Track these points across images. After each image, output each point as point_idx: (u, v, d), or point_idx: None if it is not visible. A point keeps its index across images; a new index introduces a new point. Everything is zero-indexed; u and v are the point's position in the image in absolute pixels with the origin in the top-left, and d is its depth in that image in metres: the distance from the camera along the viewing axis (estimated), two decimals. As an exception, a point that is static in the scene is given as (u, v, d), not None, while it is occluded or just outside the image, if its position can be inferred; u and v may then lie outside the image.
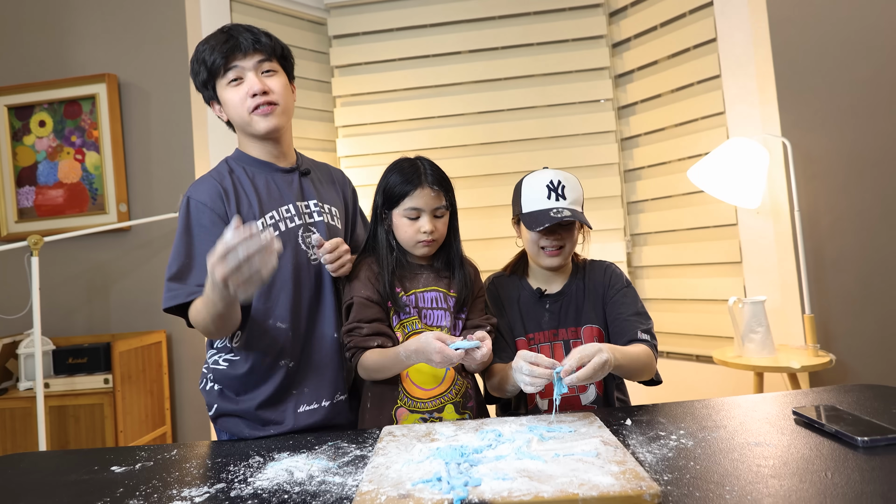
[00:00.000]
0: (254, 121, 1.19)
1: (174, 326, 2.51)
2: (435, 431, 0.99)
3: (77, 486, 0.90)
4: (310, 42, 2.79)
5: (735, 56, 2.21)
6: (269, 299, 1.18)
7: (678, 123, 2.46)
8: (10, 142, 2.59)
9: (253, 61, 1.18)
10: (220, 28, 1.21)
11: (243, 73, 1.18)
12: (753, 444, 0.87)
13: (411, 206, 1.19)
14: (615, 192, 2.62)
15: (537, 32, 2.71)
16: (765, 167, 2.02)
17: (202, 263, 1.11)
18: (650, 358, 1.19)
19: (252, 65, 1.18)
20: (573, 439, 0.89)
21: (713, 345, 2.31)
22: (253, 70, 1.18)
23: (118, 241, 2.55)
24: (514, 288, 1.36)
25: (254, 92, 1.16)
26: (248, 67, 1.18)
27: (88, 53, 2.57)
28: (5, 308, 2.47)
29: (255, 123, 1.19)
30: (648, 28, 2.54)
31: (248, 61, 1.17)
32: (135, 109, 2.55)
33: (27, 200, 2.59)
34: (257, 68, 1.18)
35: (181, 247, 1.15)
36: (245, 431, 1.19)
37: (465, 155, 2.75)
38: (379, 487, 0.76)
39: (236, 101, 1.18)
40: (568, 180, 1.28)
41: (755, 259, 2.18)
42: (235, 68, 1.18)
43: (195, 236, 1.15)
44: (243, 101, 1.17)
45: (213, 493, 0.83)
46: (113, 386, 2.20)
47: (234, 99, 1.18)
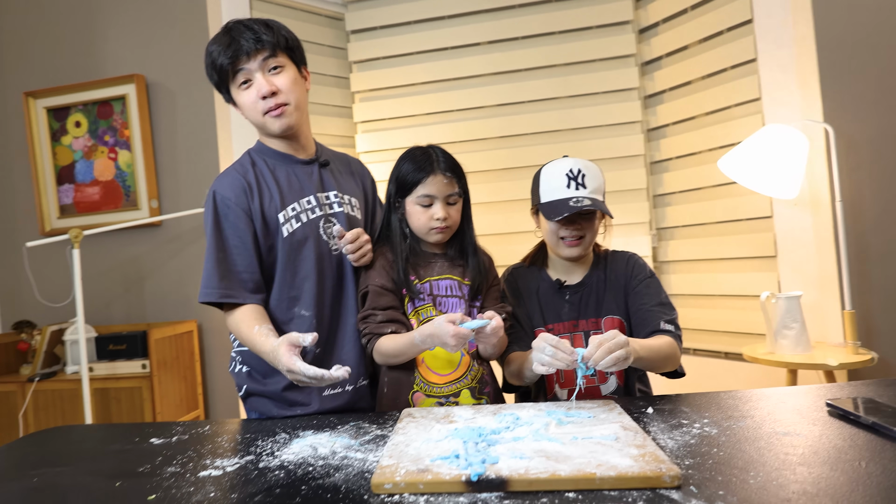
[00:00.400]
0: (268, 123, 1.21)
1: (204, 317, 2.59)
2: (453, 414, 1.00)
3: (120, 455, 0.96)
4: (328, 38, 2.81)
5: (773, 37, 2.11)
6: (294, 288, 1.21)
7: (709, 112, 2.38)
8: (49, 142, 2.71)
9: (257, 61, 1.17)
10: (224, 27, 1.21)
11: (251, 74, 1.18)
12: (782, 434, 0.83)
13: (424, 193, 1.20)
14: (640, 184, 2.57)
15: (559, 20, 2.65)
16: (804, 155, 1.92)
17: (236, 259, 1.18)
18: (673, 349, 1.16)
19: (257, 65, 1.17)
20: (592, 424, 0.88)
21: (743, 341, 2.23)
22: (259, 70, 1.18)
23: (150, 235, 2.64)
24: (534, 279, 1.35)
25: (263, 94, 1.17)
26: (254, 69, 1.18)
27: (118, 55, 2.66)
28: (51, 297, 2.58)
29: (269, 125, 1.21)
30: (678, 11, 2.45)
31: (252, 62, 1.17)
32: (162, 108, 2.63)
33: (67, 197, 2.71)
34: (263, 67, 1.18)
35: (213, 242, 1.19)
36: (273, 411, 1.22)
37: (484, 148, 2.72)
38: (398, 462, 0.77)
39: (248, 103, 1.20)
40: (588, 169, 1.26)
41: (791, 253, 2.10)
42: (242, 71, 1.18)
43: (224, 231, 1.19)
44: (255, 103, 1.19)
45: (243, 464, 0.87)
46: (150, 371, 2.30)
47: (247, 102, 1.20)
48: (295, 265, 1.21)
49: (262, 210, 1.20)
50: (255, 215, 1.19)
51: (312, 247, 1.22)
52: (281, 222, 1.20)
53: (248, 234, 1.18)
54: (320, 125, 2.74)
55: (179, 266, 2.61)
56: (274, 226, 1.20)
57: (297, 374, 1.02)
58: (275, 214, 1.20)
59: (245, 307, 1.18)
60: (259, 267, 1.20)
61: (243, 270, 1.18)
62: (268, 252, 1.21)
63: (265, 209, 1.20)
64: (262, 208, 1.20)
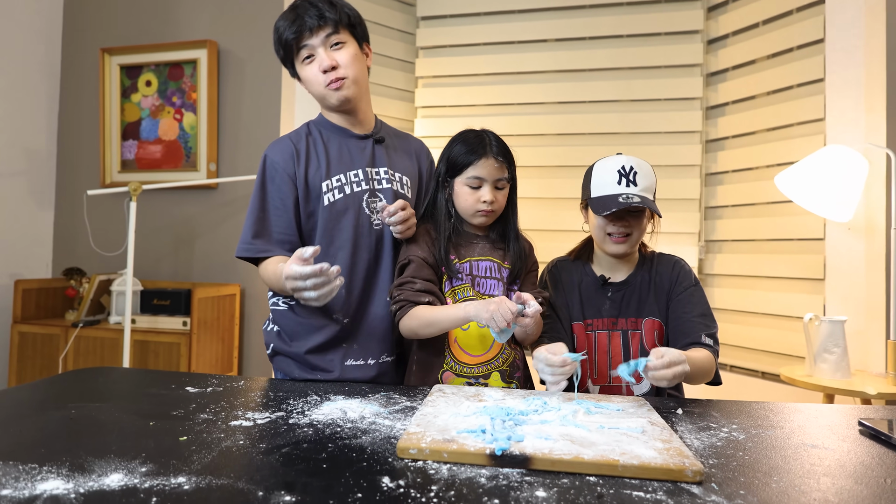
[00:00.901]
0: (328, 95, 1.25)
1: (248, 282, 2.67)
2: (483, 393, 1.02)
3: (156, 398, 1.01)
4: (398, 22, 2.85)
5: (843, 58, 2.06)
6: (329, 256, 1.24)
7: (771, 128, 2.33)
8: (119, 98, 2.83)
9: (320, 37, 1.22)
10: (291, 3, 1.26)
11: (314, 50, 1.23)
12: (810, 446, 0.83)
13: (474, 175, 1.21)
14: (693, 195, 2.53)
15: (629, 24, 2.63)
16: (862, 179, 1.88)
17: (274, 220, 1.24)
18: (711, 365, 1.16)
19: (320, 41, 1.22)
20: (620, 416, 0.89)
21: (781, 362, 2.19)
22: (322, 46, 1.23)
23: (206, 197, 2.74)
24: (577, 272, 1.35)
25: (324, 68, 1.22)
26: (317, 44, 1.23)
27: (193, 20, 2.76)
28: (104, 246, 2.72)
29: (328, 97, 1.26)
30: (749, 25, 2.41)
31: (315, 38, 1.22)
32: (231, 75, 2.72)
33: (130, 153, 2.83)
34: (325, 43, 1.23)
35: (256, 202, 1.25)
36: (295, 372, 1.27)
37: (540, 144, 2.73)
38: (425, 431, 0.80)
39: (311, 77, 1.25)
40: (641, 167, 1.26)
41: (840, 277, 2.04)
42: (306, 47, 1.23)
43: (268, 192, 1.25)
44: (316, 76, 1.24)
45: (273, 419, 0.90)
46: (190, 329, 2.38)
47: (309, 76, 1.25)
48: (332, 234, 1.25)
49: (307, 177, 1.25)
50: (300, 181, 1.24)
51: (352, 218, 1.26)
52: (323, 191, 1.24)
53: (289, 198, 1.23)
54: (382, 107, 2.79)
55: (230, 230, 2.71)
56: (316, 193, 1.25)
57: (292, 276, 1.03)
58: (319, 182, 1.25)
59: (276, 256, 1.22)
60: (298, 230, 1.25)
61: (280, 231, 1.23)
62: (307, 218, 1.26)
63: (309, 176, 1.25)
64: (306, 175, 1.25)
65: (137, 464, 0.70)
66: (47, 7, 2.92)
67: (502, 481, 0.67)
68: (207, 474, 0.67)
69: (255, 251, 1.22)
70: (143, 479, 0.66)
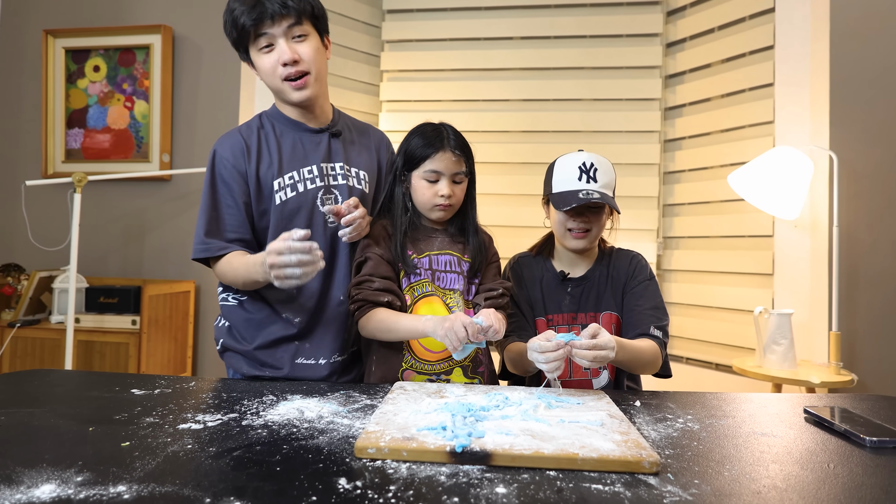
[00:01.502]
0: (286, 90, 1.20)
1: (204, 278, 2.58)
2: (445, 390, 1.01)
3: (98, 402, 0.96)
4: (363, 14, 2.81)
5: (791, 64, 2.15)
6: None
7: (725, 129, 2.41)
8: (64, 84, 2.68)
9: (282, 27, 1.16)
10: None
11: (274, 39, 1.17)
12: (759, 434, 0.86)
13: (431, 169, 1.20)
14: (652, 192, 2.59)
15: (592, 25, 2.68)
16: (808, 179, 1.97)
17: (227, 218, 1.19)
18: (655, 356, 1.18)
19: (282, 31, 1.16)
20: (580, 410, 0.90)
21: (734, 354, 2.27)
22: (283, 36, 1.16)
23: (158, 189, 2.63)
24: (538, 268, 1.36)
25: (284, 61, 1.16)
26: (277, 34, 1.16)
27: (147, 4, 2.64)
28: (45, 241, 2.57)
29: (287, 93, 1.20)
30: (706, 30, 2.49)
31: (277, 27, 1.15)
32: (186, 62, 2.61)
33: (75, 142, 2.69)
34: (287, 34, 1.17)
35: (207, 199, 1.20)
36: (244, 368, 1.23)
37: (505, 141, 2.74)
38: (384, 430, 0.78)
39: (268, 68, 1.19)
40: (601, 164, 1.28)
41: (787, 272, 2.13)
42: (265, 35, 1.16)
43: (219, 190, 1.20)
44: (274, 68, 1.18)
45: (225, 421, 0.87)
46: (140, 328, 2.28)
47: (266, 66, 1.19)
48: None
49: (258, 174, 1.20)
50: (251, 178, 1.20)
51: (305, 217, 1.22)
52: (275, 189, 1.20)
53: (240, 196, 1.19)
54: (346, 100, 2.74)
55: (184, 223, 2.61)
56: (268, 191, 1.20)
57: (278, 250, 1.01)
58: (270, 181, 1.20)
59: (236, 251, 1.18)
60: (251, 229, 1.21)
61: (232, 230, 1.19)
62: (260, 217, 1.22)
63: (261, 174, 1.20)
64: (257, 172, 1.20)
65: (73, 473, 0.66)
66: (-16, -15, 2.74)
67: (462, 479, 0.66)
68: (150, 482, 0.64)
69: (212, 250, 1.17)
70: (78, 489, 0.62)
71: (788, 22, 2.16)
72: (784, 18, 2.18)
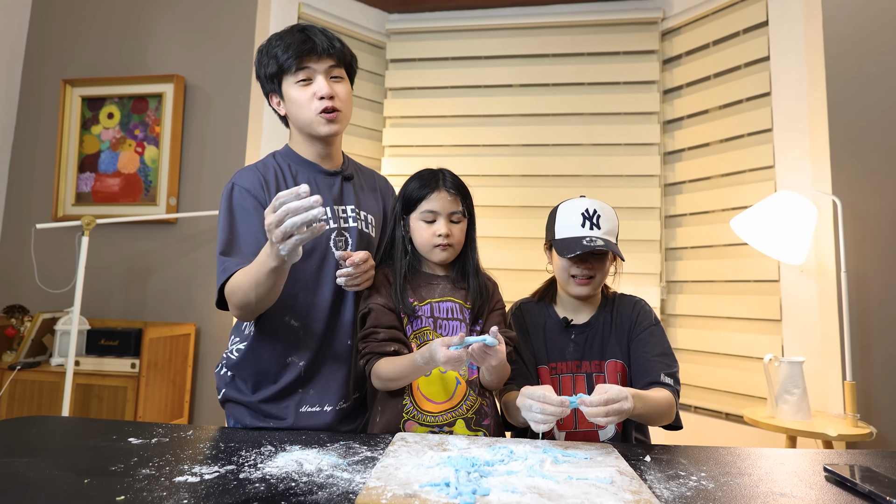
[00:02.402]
0: (317, 122, 1.22)
1: (204, 321, 2.57)
2: (448, 442, 0.98)
3: (94, 451, 0.93)
4: (368, 63, 2.89)
5: (788, 110, 2.18)
6: (289, 296, 1.19)
7: (725, 174, 2.42)
8: (79, 130, 2.75)
9: (325, 65, 1.21)
10: (295, 26, 1.24)
11: (314, 74, 1.21)
12: (778, 495, 0.82)
13: (427, 209, 1.20)
14: (654, 236, 2.59)
15: (590, 73, 2.74)
16: (812, 224, 1.96)
17: (245, 243, 1.15)
18: (670, 405, 1.15)
19: (324, 68, 1.21)
20: (588, 465, 0.87)
21: (744, 403, 2.21)
22: (323, 73, 1.21)
23: (164, 232, 2.65)
24: (541, 315, 1.35)
25: (322, 95, 1.20)
26: (319, 70, 1.21)
27: (161, 55, 2.73)
28: (51, 283, 2.58)
29: (317, 126, 1.22)
30: (702, 77, 2.54)
31: (320, 64, 1.20)
32: (197, 110, 2.68)
33: (86, 185, 2.73)
34: (327, 73, 1.21)
35: (225, 227, 1.18)
36: (247, 419, 1.21)
37: (505, 185, 2.77)
38: (386, 485, 0.75)
39: (303, 100, 1.21)
40: (604, 210, 1.28)
41: (796, 318, 2.10)
42: (307, 69, 1.20)
43: (237, 218, 1.18)
44: (310, 101, 1.21)
45: (222, 473, 0.84)
46: (139, 371, 2.25)
47: (301, 98, 1.21)
48: (296, 273, 1.20)
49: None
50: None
51: (317, 258, 1.22)
52: None
53: (259, 226, 1.17)
54: (350, 145, 2.80)
55: (188, 266, 2.61)
56: None
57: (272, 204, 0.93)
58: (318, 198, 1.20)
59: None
60: None
61: (251, 254, 1.14)
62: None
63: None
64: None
65: (65, 529, 0.63)
66: (10, 35, 2.84)
67: (467, 540, 0.63)
68: (144, 540, 0.61)
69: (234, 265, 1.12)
70: (69, 547, 0.59)
71: (783, 67, 2.20)
72: (779, 65, 2.22)
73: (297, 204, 0.91)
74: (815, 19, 2.10)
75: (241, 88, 2.63)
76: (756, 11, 2.33)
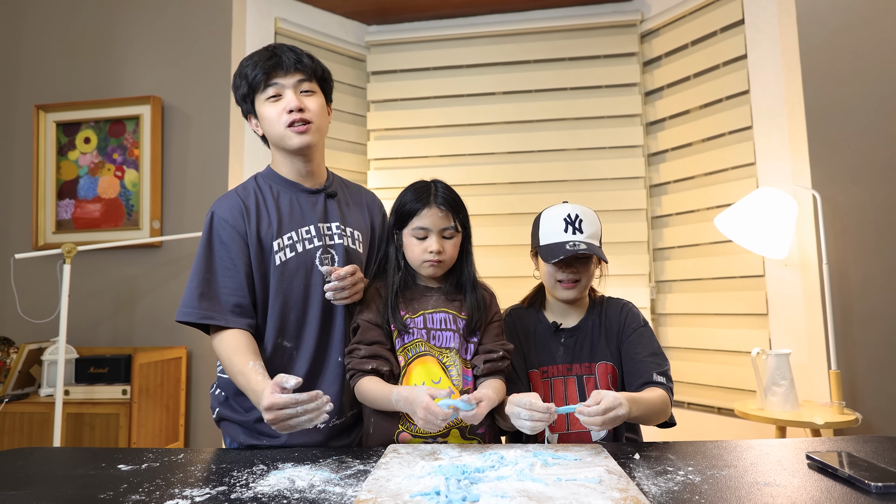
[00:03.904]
0: (288, 136, 1.22)
1: (195, 343, 2.55)
2: (439, 451, 0.98)
3: (83, 480, 0.92)
4: (349, 77, 2.91)
5: (767, 107, 2.22)
6: (280, 318, 1.20)
7: (708, 172, 2.46)
8: (55, 156, 2.72)
9: (293, 80, 1.22)
10: (266, 46, 1.27)
11: (283, 90, 1.22)
12: (763, 484, 0.84)
13: (419, 226, 1.20)
14: (642, 237, 2.61)
15: (571, 78, 2.77)
16: (793, 218, 1.99)
17: (222, 281, 1.18)
18: (665, 404, 1.17)
19: (292, 83, 1.22)
20: (577, 466, 0.87)
21: (735, 397, 2.23)
22: (292, 88, 1.22)
23: (149, 256, 2.63)
24: (531, 320, 1.36)
25: (290, 108, 1.21)
26: (287, 85, 1.22)
27: (136, 76, 2.72)
28: (34, 313, 2.54)
29: (288, 139, 1.23)
30: (682, 78, 2.58)
31: (288, 79, 1.22)
32: (175, 131, 2.67)
33: (66, 213, 2.70)
34: (296, 87, 1.22)
35: (202, 262, 1.19)
36: (241, 438, 1.21)
37: (492, 193, 2.79)
38: (377, 497, 0.75)
39: (273, 116, 1.22)
40: (585, 214, 1.30)
41: (781, 311, 2.13)
42: (275, 85, 1.22)
43: (215, 251, 1.20)
44: (280, 116, 1.22)
45: (213, 495, 0.83)
46: (130, 397, 2.23)
47: (272, 114, 1.23)
48: (284, 294, 1.20)
49: (259, 235, 1.20)
50: (251, 239, 1.20)
51: (302, 277, 1.22)
52: (275, 250, 1.20)
53: (240, 258, 1.18)
54: (335, 160, 2.80)
55: (175, 290, 2.59)
56: (268, 252, 1.21)
57: (279, 405, 0.99)
58: (270, 241, 1.21)
59: (235, 332, 1.16)
60: (249, 291, 1.19)
61: (229, 293, 1.17)
62: (261, 278, 1.21)
63: (262, 234, 1.21)
64: (258, 233, 1.20)
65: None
66: (-21, 65, 2.83)
67: (457, 548, 0.64)
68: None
69: (200, 316, 1.16)
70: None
71: (761, 66, 2.25)
72: (756, 63, 2.26)
73: (313, 405, 0.99)
74: (789, 17, 2.14)
75: (219, 106, 2.62)
76: (732, 10, 2.38)
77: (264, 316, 1.21)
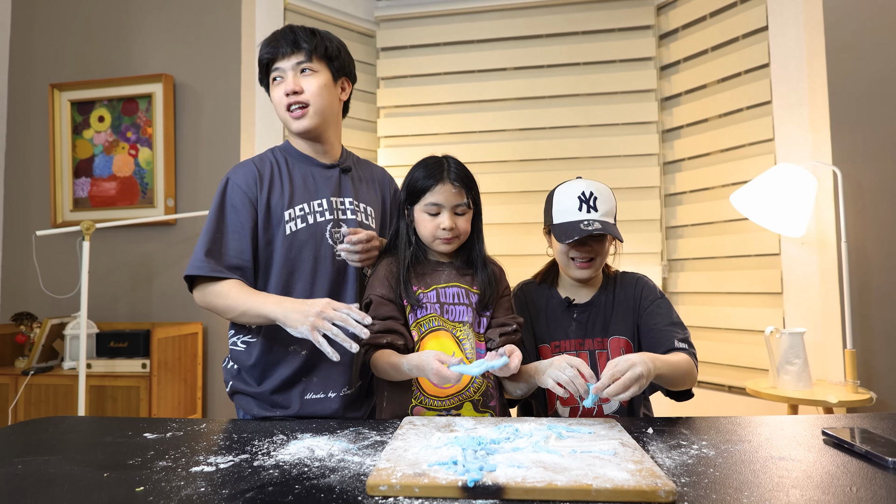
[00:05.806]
0: (287, 120, 1.27)
1: (211, 319, 2.59)
2: (455, 423, 1.00)
3: (111, 447, 0.95)
4: (358, 53, 2.88)
5: (787, 82, 2.16)
6: (286, 289, 1.22)
7: (725, 149, 2.42)
8: (70, 135, 2.75)
9: (292, 62, 1.24)
10: (278, 29, 1.29)
11: (283, 73, 1.25)
12: (777, 459, 0.84)
13: (431, 202, 1.20)
14: (654, 215, 2.59)
15: (585, 52, 2.72)
16: (812, 196, 1.96)
17: (230, 243, 1.20)
18: (691, 366, 1.17)
19: (291, 65, 1.24)
20: (592, 439, 0.89)
21: (747, 376, 2.23)
22: (292, 70, 1.24)
23: (164, 234, 2.66)
24: (543, 296, 1.36)
25: (287, 91, 1.24)
26: (287, 68, 1.25)
27: (148, 54, 2.72)
28: (56, 289, 2.60)
29: (289, 123, 1.27)
30: (699, 51, 2.52)
31: (287, 62, 1.24)
32: (188, 109, 2.68)
33: (83, 191, 2.74)
34: (296, 69, 1.25)
35: (213, 222, 1.21)
36: (255, 410, 1.24)
37: (504, 171, 2.77)
38: (395, 466, 0.77)
39: (276, 99, 1.27)
40: (600, 192, 1.28)
41: (797, 290, 2.11)
42: (277, 70, 1.26)
43: (227, 214, 1.22)
44: (281, 100, 1.25)
45: (237, 462, 0.86)
46: (150, 371, 2.29)
47: (275, 98, 1.27)
48: (292, 264, 1.23)
49: (269, 203, 1.22)
50: (261, 206, 1.22)
51: (311, 249, 1.24)
52: (286, 220, 1.22)
53: (248, 223, 1.21)
54: (345, 137, 2.76)
55: (190, 266, 2.63)
56: (277, 220, 1.23)
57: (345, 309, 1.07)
58: (281, 210, 1.23)
59: (232, 280, 1.18)
60: (253, 257, 1.21)
61: (235, 255, 1.20)
62: (265, 246, 1.22)
63: (272, 203, 1.23)
64: (269, 201, 1.22)
65: (89, 520, 0.66)
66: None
67: (475, 514, 0.65)
68: (164, 527, 0.63)
69: (208, 269, 1.17)
70: (93, 536, 0.61)
71: (782, 39, 2.18)
72: (778, 35, 2.20)
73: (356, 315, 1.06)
74: (811, -13, 2.07)
75: (230, 84, 2.62)
76: (752, -20, 2.30)
77: (265, 285, 1.23)
